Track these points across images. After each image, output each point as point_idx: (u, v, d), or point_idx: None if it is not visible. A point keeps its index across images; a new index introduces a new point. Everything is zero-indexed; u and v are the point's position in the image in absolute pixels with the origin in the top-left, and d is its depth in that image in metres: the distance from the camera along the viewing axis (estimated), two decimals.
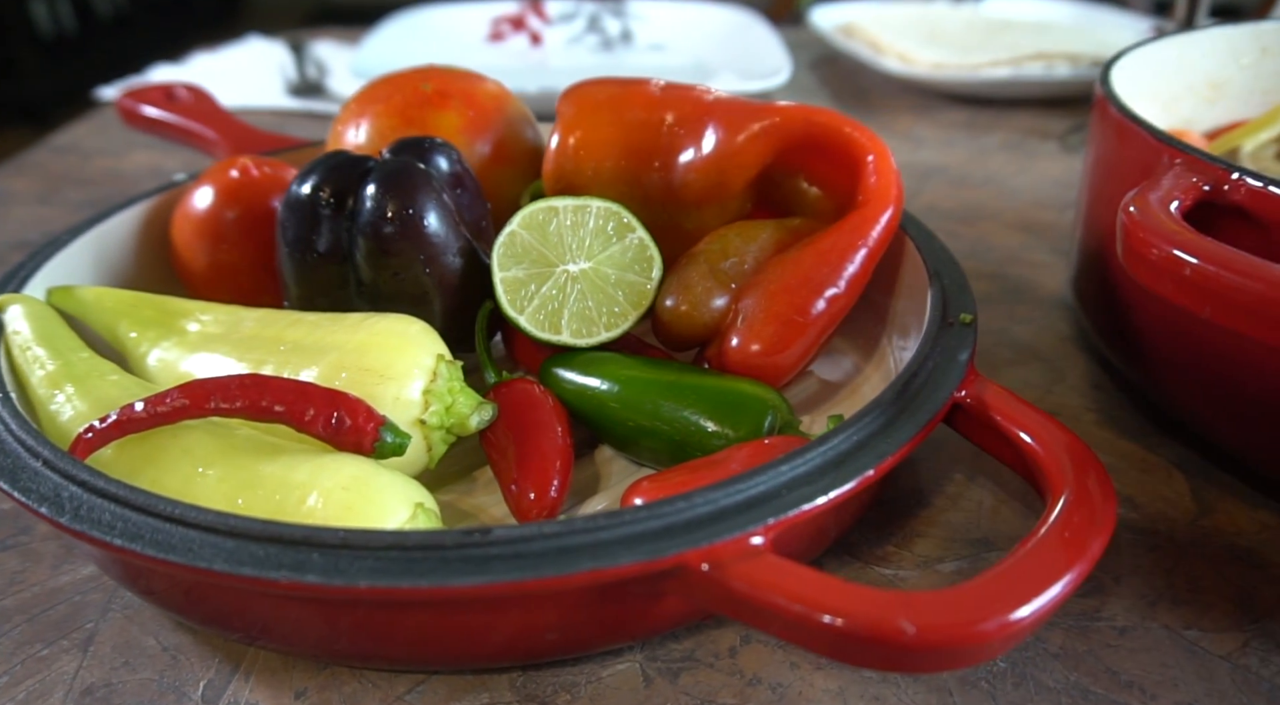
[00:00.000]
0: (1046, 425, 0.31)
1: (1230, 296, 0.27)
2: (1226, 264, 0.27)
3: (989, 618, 0.23)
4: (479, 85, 0.50)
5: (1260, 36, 0.55)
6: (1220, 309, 0.28)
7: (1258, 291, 0.27)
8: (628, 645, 0.31)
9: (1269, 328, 0.27)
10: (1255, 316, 0.27)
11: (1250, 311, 0.27)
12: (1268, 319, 0.27)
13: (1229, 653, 0.31)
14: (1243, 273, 0.27)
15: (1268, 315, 0.27)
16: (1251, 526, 0.36)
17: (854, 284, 0.39)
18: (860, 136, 0.42)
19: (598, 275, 0.39)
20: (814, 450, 0.29)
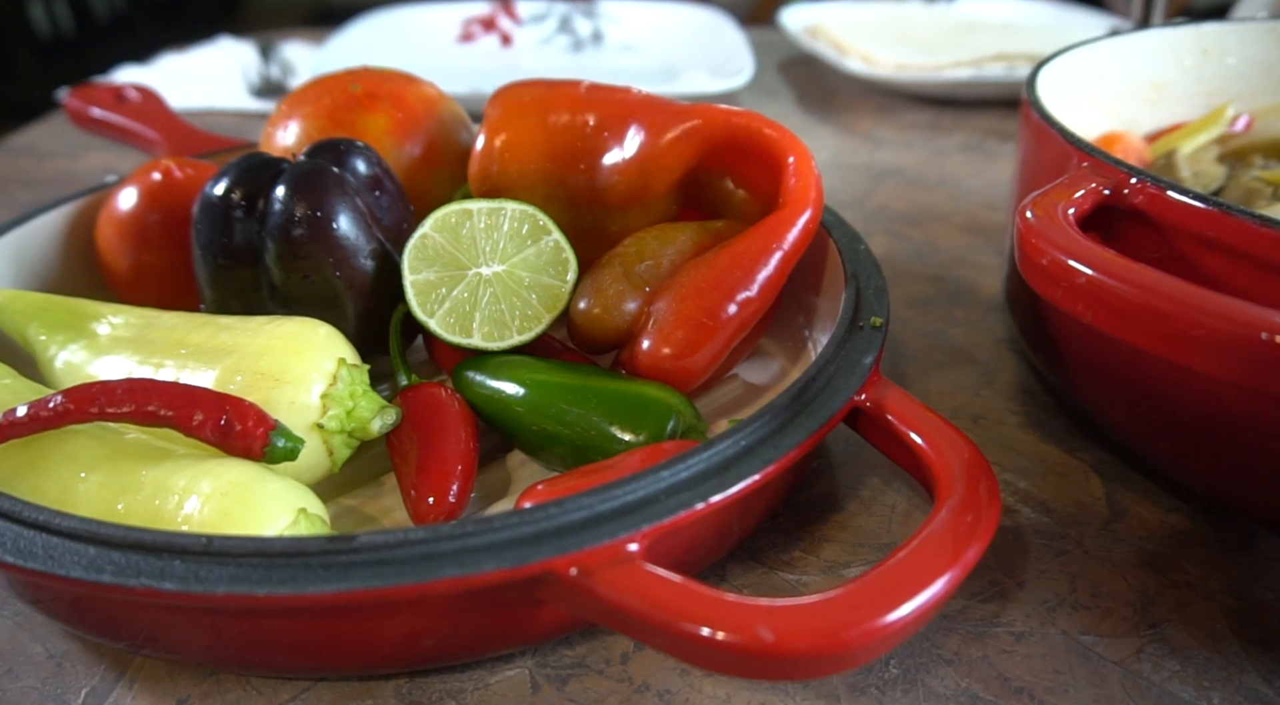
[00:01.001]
0: (942, 431, 0.31)
1: (1111, 303, 0.27)
2: (1109, 270, 0.27)
3: (851, 626, 0.23)
4: (410, 87, 0.49)
5: (1201, 38, 0.55)
6: (1102, 315, 0.27)
7: (1135, 298, 0.26)
8: (520, 651, 0.31)
9: (1146, 335, 0.26)
10: (1134, 323, 0.27)
11: (1130, 318, 0.27)
12: (1145, 326, 0.26)
13: (1123, 658, 0.31)
14: (1123, 279, 0.27)
15: (1145, 323, 0.26)
16: (1162, 530, 0.36)
17: (768, 287, 0.38)
18: (780, 138, 0.41)
19: (511, 278, 0.39)
20: (697, 456, 0.28)
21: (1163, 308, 0.26)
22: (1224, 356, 0.25)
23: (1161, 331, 0.26)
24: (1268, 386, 0.25)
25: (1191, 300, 0.26)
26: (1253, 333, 0.24)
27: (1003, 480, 0.39)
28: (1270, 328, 0.24)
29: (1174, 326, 0.26)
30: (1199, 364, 0.26)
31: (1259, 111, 0.56)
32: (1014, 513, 0.37)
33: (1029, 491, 0.38)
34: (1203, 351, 0.25)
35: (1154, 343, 0.26)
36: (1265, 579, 0.33)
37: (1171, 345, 0.26)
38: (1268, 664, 0.30)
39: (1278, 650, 0.31)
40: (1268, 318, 0.24)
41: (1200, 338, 0.25)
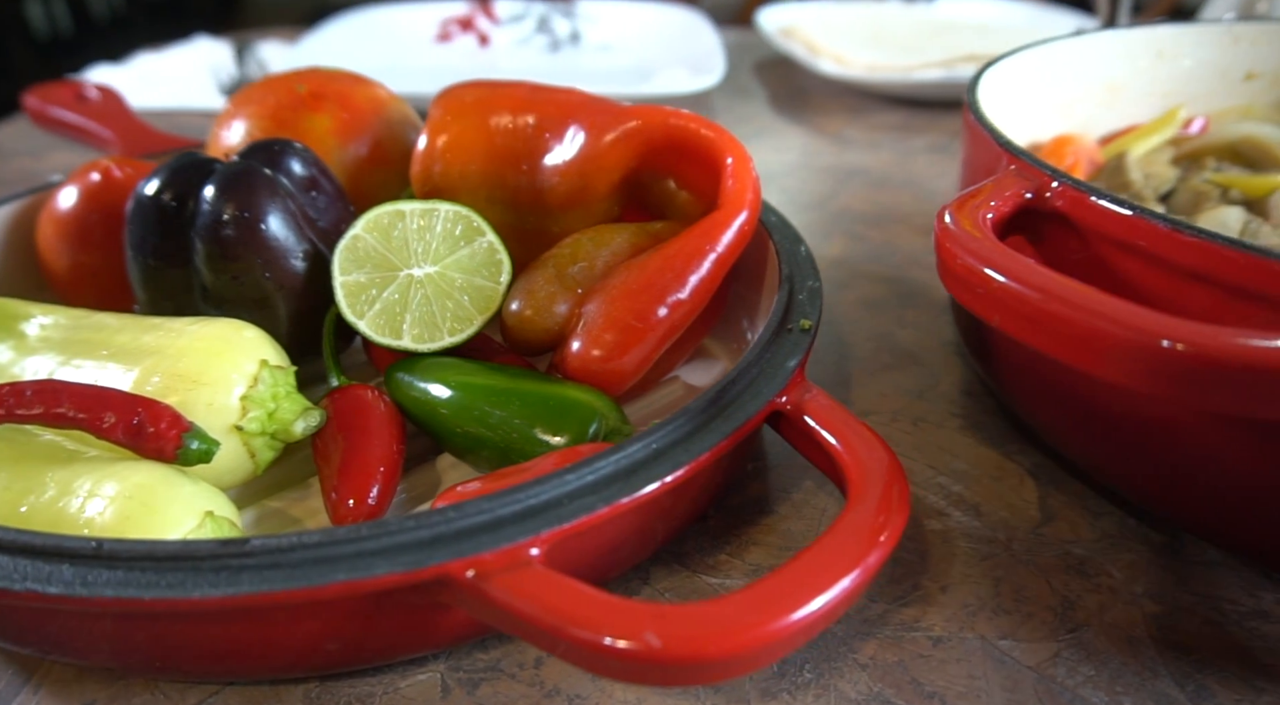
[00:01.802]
0: (860, 435, 0.31)
1: (1019, 309, 0.27)
2: (1017, 275, 0.27)
3: (740, 632, 0.23)
4: (357, 88, 0.49)
5: (1156, 40, 0.54)
6: (1012, 321, 0.27)
7: (1041, 304, 0.26)
8: (433, 655, 0.31)
9: (1054, 342, 0.26)
10: (1041, 330, 0.26)
11: (1037, 324, 0.26)
12: (1052, 333, 0.26)
13: (1038, 663, 0.30)
14: (1030, 285, 0.26)
15: (1052, 330, 0.26)
16: (1091, 535, 0.36)
17: (700, 289, 0.38)
18: (718, 140, 0.41)
19: (444, 279, 0.39)
20: (605, 459, 0.28)
21: (1067, 314, 0.26)
22: (1127, 364, 0.25)
23: (1067, 338, 0.26)
24: (1171, 394, 0.24)
25: (1094, 307, 0.25)
26: (1153, 340, 0.24)
27: (937, 484, 0.39)
28: (1171, 335, 0.24)
29: (1078, 333, 0.25)
30: (1104, 372, 0.25)
31: (1214, 114, 0.56)
32: (945, 516, 0.37)
33: (962, 495, 0.38)
34: (1107, 359, 0.25)
35: (1061, 350, 0.26)
36: (1188, 583, 0.33)
37: (1077, 352, 0.26)
38: (1182, 668, 0.30)
39: (1194, 654, 0.31)
40: (1169, 325, 0.24)
41: (1103, 345, 0.25)
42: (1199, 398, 0.24)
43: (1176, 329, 0.24)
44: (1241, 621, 0.32)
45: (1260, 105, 0.56)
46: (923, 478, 0.39)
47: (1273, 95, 0.56)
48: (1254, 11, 0.76)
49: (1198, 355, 0.23)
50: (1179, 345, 0.24)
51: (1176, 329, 0.24)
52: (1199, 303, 0.29)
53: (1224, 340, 0.23)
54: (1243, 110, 0.56)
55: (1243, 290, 0.27)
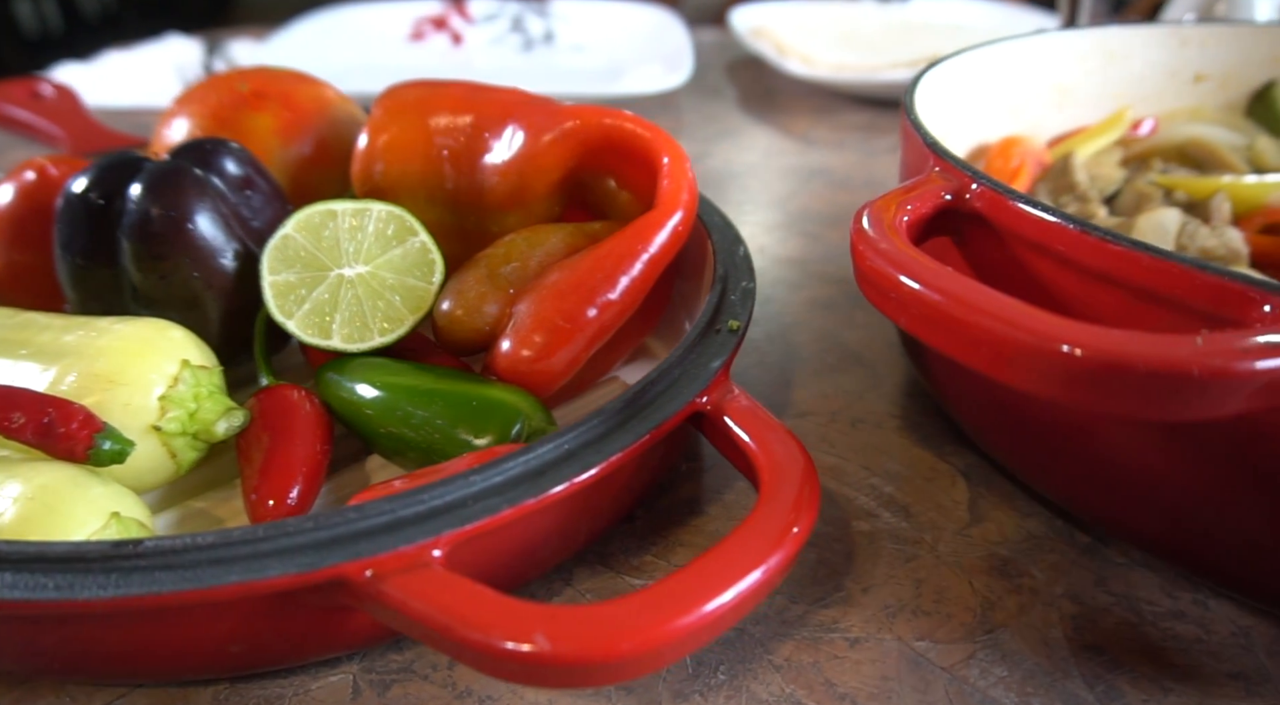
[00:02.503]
0: (777, 437, 0.31)
1: (924, 313, 0.26)
2: (922, 278, 0.27)
3: (631, 634, 0.23)
4: (301, 87, 0.49)
5: (1105, 41, 0.55)
6: (918, 325, 0.27)
7: (945, 308, 0.26)
8: (347, 656, 0.31)
9: (959, 346, 0.26)
10: (947, 334, 0.26)
11: (943, 329, 0.26)
12: (957, 338, 0.26)
13: (952, 665, 0.30)
14: (934, 288, 0.26)
15: (957, 334, 0.26)
16: (1017, 536, 0.36)
17: (632, 290, 0.38)
18: (653, 139, 0.41)
19: (375, 279, 0.38)
20: (513, 460, 0.28)
21: (969, 319, 0.25)
22: (1029, 369, 0.24)
23: (970, 343, 0.25)
24: (1073, 400, 0.24)
25: (995, 311, 0.25)
26: (1053, 346, 0.24)
27: (869, 485, 0.39)
28: (1071, 340, 0.24)
29: (981, 338, 0.25)
30: (1008, 377, 0.25)
31: (1164, 115, 0.57)
32: (874, 517, 0.37)
33: (893, 496, 0.38)
34: (1009, 364, 0.25)
35: (966, 354, 0.26)
36: (1107, 584, 0.33)
37: (980, 357, 0.25)
38: (1094, 669, 0.30)
39: (1106, 655, 0.31)
40: (1068, 329, 0.24)
41: (1005, 350, 0.25)
42: (1099, 402, 0.24)
43: (1076, 333, 0.24)
44: (1157, 622, 0.32)
45: (1210, 107, 0.56)
46: (855, 479, 0.39)
47: (1222, 97, 0.56)
48: (1213, 13, 0.76)
49: (1096, 360, 0.23)
50: (1077, 350, 0.23)
51: (1076, 333, 0.24)
52: (1109, 306, 0.29)
53: (1121, 345, 0.23)
54: (1192, 112, 0.56)
55: (1149, 293, 0.27)
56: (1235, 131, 0.55)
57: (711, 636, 0.25)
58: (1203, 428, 0.28)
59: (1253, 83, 0.55)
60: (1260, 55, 0.55)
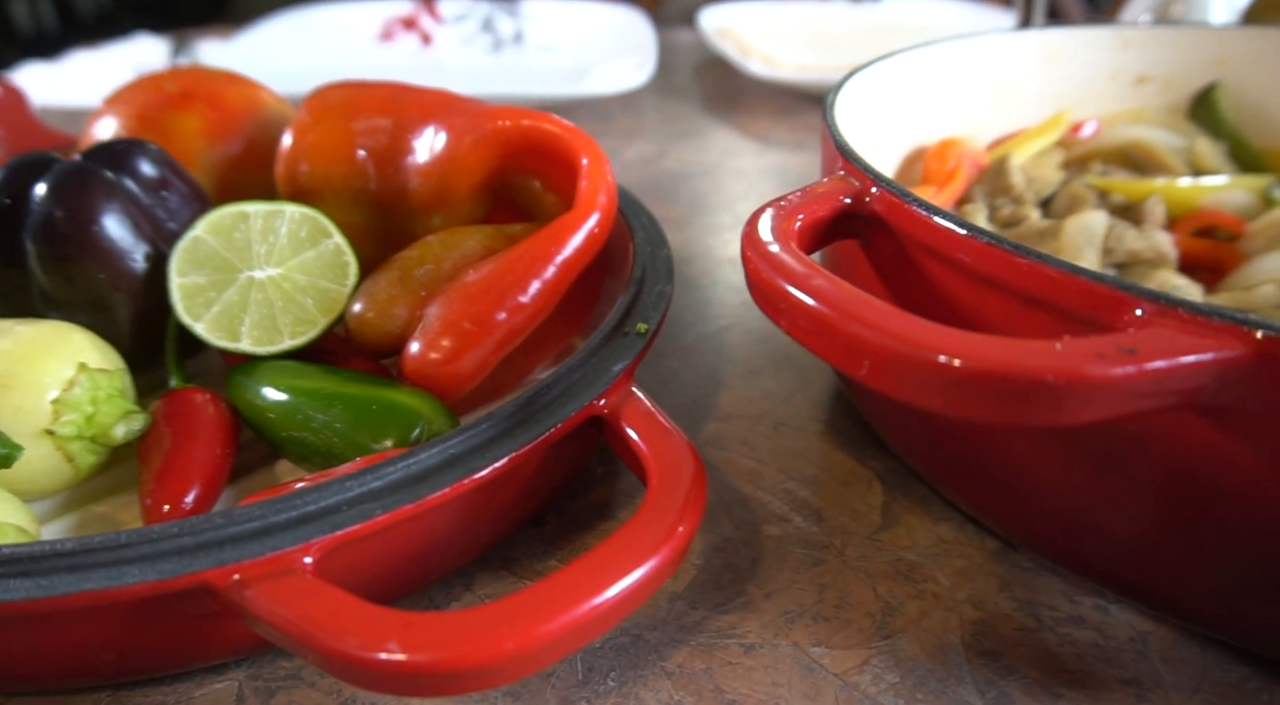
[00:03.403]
0: (668, 441, 0.30)
1: (804, 321, 0.26)
2: (803, 285, 0.26)
3: (489, 643, 0.23)
4: (231, 87, 0.49)
5: (1044, 43, 0.54)
6: (802, 333, 0.27)
7: (823, 317, 0.25)
8: (235, 662, 0.30)
9: (838, 356, 0.25)
10: (827, 344, 0.25)
11: (823, 338, 0.26)
12: (836, 347, 0.25)
13: (845, 670, 0.30)
14: (814, 295, 0.26)
15: (836, 344, 0.25)
16: (927, 541, 0.36)
17: (545, 294, 0.38)
18: (572, 141, 0.41)
19: (287, 282, 0.38)
20: (392, 465, 0.28)
21: (849, 330, 0.25)
22: (910, 381, 0.24)
23: (853, 354, 0.25)
24: (955, 411, 0.24)
25: (875, 321, 0.24)
26: (930, 355, 0.23)
27: (784, 489, 0.39)
28: (948, 350, 0.23)
29: (862, 350, 0.24)
30: (890, 389, 0.25)
31: (1107, 117, 0.56)
32: (786, 522, 0.37)
33: (807, 500, 0.38)
34: (890, 376, 0.24)
35: (849, 366, 0.25)
36: (1011, 589, 0.33)
37: (863, 369, 0.25)
38: (987, 675, 0.30)
39: (1002, 660, 0.30)
40: (946, 339, 0.23)
41: (886, 362, 0.24)
42: (976, 412, 0.24)
43: (952, 343, 0.23)
44: (1055, 627, 0.32)
45: (1152, 109, 0.56)
46: (772, 483, 0.39)
47: (1164, 99, 0.56)
48: (1169, 14, 0.76)
49: (970, 369, 0.23)
50: (955, 360, 0.23)
51: (952, 343, 0.23)
52: (999, 311, 0.29)
53: (991, 353, 0.23)
54: (1135, 114, 0.56)
55: (1031, 298, 0.27)
56: (1176, 134, 0.54)
57: (577, 645, 0.24)
58: (1088, 434, 0.27)
59: (1194, 85, 0.55)
60: (1201, 58, 0.55)
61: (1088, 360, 0.22)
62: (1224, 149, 0.54)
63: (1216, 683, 0.29)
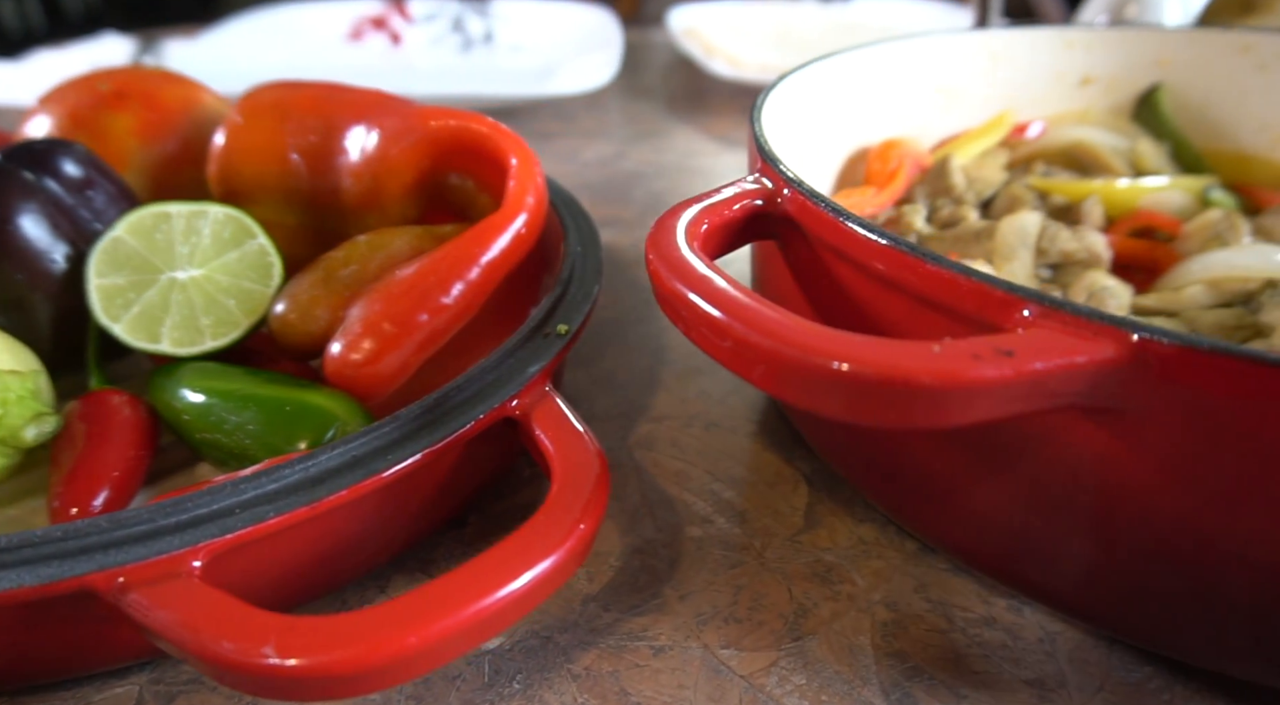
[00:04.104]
0: (575, 443, 0.30)
1: (700, 326, 0.26)
2: (700, 290, 0.26)
3: (367, 647, 0.23)
4: (167, 87, 0.48)
5: (988, 43, 0.55)
6: (699, 338, 0.26)
7: (719, 324, 0.25)
8: (139, 666, 0.30)
9: (738, 363, 0.25)
10: (724, 350, 0.25)
11: (718, 344, 0.25)
12: (733, 355, 0.25)
13: (752, 672, 0.30)
14: (710, 299, 0.26)
15: (733, 351, 0.25)
16: (847, 542, 0.36)
17: (469, 295, 0.37)
18: (501, 141, 0.41)
19: (209, 283, 0.38)
20: (290, 467, 0.28)
21: (736, 333, 0.24)
22: (799, 385, 0.24)
23: (744, 358, 0.25)
24: (844, 416, 0.24)
25: (764, 324, 0.24)
26: (817, 360, 0.23)
27: (710, 490, 0.38)
28: (833, 354, 0.23)
29: (752, 353, 0.24)
30: (782, 393, 0.25)
31: (1053, 118, 0.57)
32: (708, 523, 0.37)
33: (731, 502, 0.38)
34: (781, 380, 0.24)
35: (742, 369, 0.25)
36: (926, 591, 0.33)
37: (755, 372, 0.25)
38: (894, 676, 0.30)
39: (909, 662, 0.30)
40: (833, 343, 0.23)
41: (776, 366, 0.24)
42: (867, 416, 0.23)
43: (848, 349, 0.23)
44: (967, 628, 0.32)
45: (1097, 110, 0.56)
46: (698, 484, 0.39)
47: (1109, 100, 0.56)
48: (1124, 15, 0.76)
49: (856, 373, 0.23)
50: (841, 364, 0.23)
51: (848, 349, 0.23)
52: (900, 313, 0.28)
53: (879, 356, 0.23)
54: (1080, 115, 0.56)
55: (927, 300, 0.27)
56: (1120, 135, 0.55)
57: (464, 648, 0.24)
58: (987, 435, 0.27)
59: (1138, 86, 0.55)
60: (1144, 59, 0.55)
61: (963, 362, 0.22)
62: (1166, 150, 0.54)
63: (1119, 683, 0.30)
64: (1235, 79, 0.53)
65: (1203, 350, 0.22)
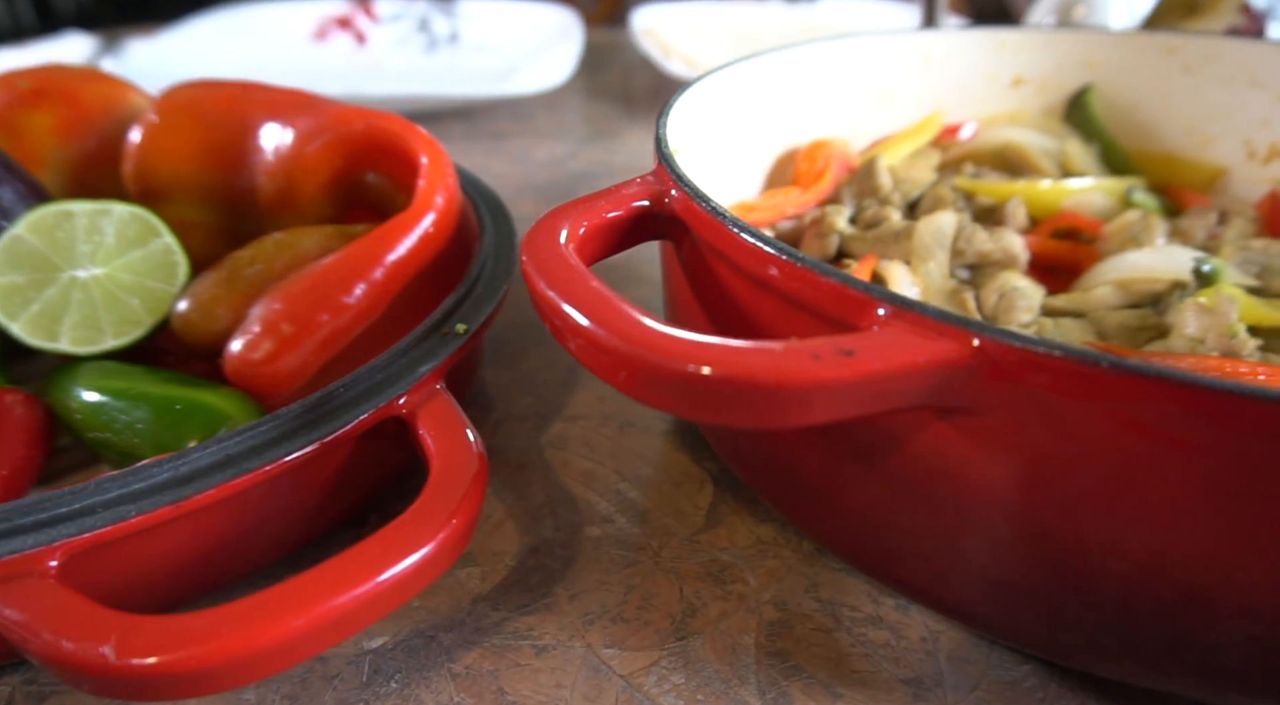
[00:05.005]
0: (458, 445, 0.30)
1: (560, 327, 0.26)
2: (561, 288, 0.26)
3: (208, 647, 0.23)
4: (89, 85, 0.48)
5: (922, 45, 0.55)
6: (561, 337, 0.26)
7: (573, 327, 0.25)
8: (14, 666, 0.30)
9: (597, 365, 0.25)
10: (585, 351, 0.25)
11: (577, 344, 0.25)
12: (592, 358, 0.25)
13: (632, 672, 0.30)
14: (569, 299, 0.26)
15: (592, 353, 0.25)
16: (746, 542, 0.36)
17: (373, 295, 0.37)
18: (412, 140, 0.41)
19: (112, 281, 0.38)
20: (160, 466, 0.28)
21: (597, 339, 0.24)
22: (653, 387, 0.24)
23: (610, 367, 0.24)
24: (698, 417, 0.24)
25: (630, 333, 0.24)
26: (673, 364, 0.23)
27: (615, 490, 0.38)
28: (695, 358, 0.23)
29: (617, 362, 0.24)
30: (641, 396, 0.24)
31: (986, 119, 0.57)
32: (609, 523, 0.37)
33: (635, 501, 0.38)
34: (640, 383, 0.24)
35: (605, 374, 0.25)
36: (817, 590, 0.33)
37: (621, 380, 0.24)
38: (772, 676, 0.30)
39: (790, 661, 0.30)
40: (689, 347, 0.23)
41: (638, 372, 0.24)
42: (719, 416, 0.23)
43: (701, 352, 0.23)
44: (853, 628, 0.32)
45: (1029, 111, 0.57)
46: (604, 484, 0.39)
47: (1041, 101, 0.56)
48: (1071, 16, 0.76)
49: (708, 376, 0.23)
50: (690, 366, 0.23)
51: (701, 352, 0.23)
52: (772, 313, 0.29)
53: (722, 357, 0.23)
54: (1012, 116, 0.57)
55: (794, 300, 0.27)
56: (1050, 136, 0.55)
57: (316, 648, 0.24)
58: (854, 435, 0.28)
59: (1069, 87, 0.55)
60: (1075, 60, 0.55)
61: (802, 362, 0.22)
62: (1096, 152, 0.54)
63: (995, 681, 0.30)
64: (1162, 81, 0.53)
65: (1038, 351, 0.22)
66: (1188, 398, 0.20)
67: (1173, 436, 0.21)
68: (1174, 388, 0.20)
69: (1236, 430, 0.20)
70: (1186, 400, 0.20)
